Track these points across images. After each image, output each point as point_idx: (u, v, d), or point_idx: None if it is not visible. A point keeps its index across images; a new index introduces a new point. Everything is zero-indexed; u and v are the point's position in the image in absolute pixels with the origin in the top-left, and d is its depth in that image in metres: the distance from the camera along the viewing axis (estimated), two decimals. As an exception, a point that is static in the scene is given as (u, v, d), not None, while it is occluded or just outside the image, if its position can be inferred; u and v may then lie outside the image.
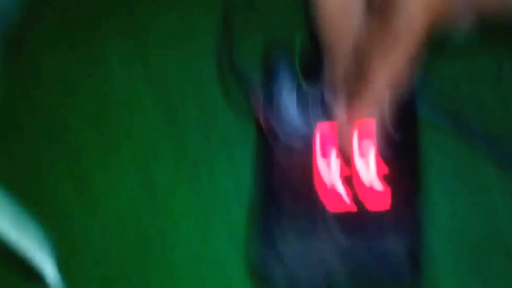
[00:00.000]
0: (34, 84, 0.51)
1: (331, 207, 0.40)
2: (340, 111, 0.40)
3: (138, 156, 0.48)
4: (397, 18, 0.33)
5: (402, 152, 0.40)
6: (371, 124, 0.38)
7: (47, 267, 0.38)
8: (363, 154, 0.40)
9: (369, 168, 0.40)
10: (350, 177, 0.40)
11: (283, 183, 0.41)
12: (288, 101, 0.43)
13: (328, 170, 0.41)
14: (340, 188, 0.40)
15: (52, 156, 0.49)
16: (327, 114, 0.42)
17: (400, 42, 0.34)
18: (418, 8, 0.33)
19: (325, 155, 0.41)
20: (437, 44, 0.35)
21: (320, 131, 0.42)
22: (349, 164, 0.41)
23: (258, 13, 0.48)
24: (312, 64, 0.43)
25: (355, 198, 0.40)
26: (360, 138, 0.40)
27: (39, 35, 0.53)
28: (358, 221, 0.39)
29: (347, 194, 0.40)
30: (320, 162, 0.41)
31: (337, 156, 0.41)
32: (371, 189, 0.40)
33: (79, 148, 0.49)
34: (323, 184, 0.40)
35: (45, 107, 0.50)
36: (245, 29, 0.48)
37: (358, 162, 0.40)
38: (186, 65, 0.49)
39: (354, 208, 0.39)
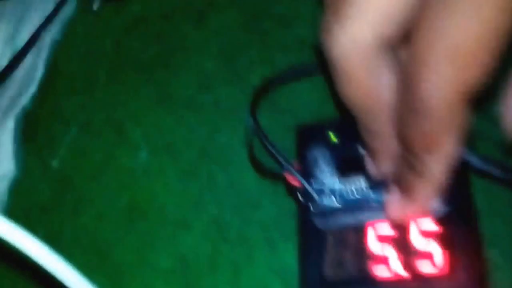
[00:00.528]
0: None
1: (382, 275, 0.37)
2: (392, 210, 0.37)
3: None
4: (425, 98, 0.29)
5: (456, 209, 0.37)
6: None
7: None
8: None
9: (421, 230, 0.37)
10: (401, 240, 0.38)
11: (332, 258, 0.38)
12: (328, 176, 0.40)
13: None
14: (392, 253, 0.37)
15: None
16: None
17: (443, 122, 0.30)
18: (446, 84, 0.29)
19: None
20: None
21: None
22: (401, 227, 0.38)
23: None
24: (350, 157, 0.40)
25: (408, 264, 0.37)
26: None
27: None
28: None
29: (399, 259, 0.37)
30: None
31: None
32: (425, 252, 0.37)
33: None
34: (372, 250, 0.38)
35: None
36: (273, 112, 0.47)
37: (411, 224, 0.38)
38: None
39: (407, 275, 0.36)
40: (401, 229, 0.37)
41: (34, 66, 0.53)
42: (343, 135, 0.41)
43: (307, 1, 0.49)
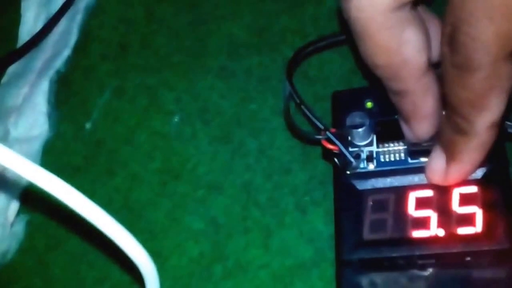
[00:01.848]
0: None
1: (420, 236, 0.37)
2: (435, 173, 0.37)
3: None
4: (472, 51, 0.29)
5: (491, 172, 0.37)
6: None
7: None
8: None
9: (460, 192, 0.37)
10: (440, 202, 0.38)
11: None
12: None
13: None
14: (430, 214, 0.37)
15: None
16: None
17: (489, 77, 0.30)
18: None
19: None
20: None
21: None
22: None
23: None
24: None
25: (447, 225, 0.37)
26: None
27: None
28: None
29: (437, 221, 0.37)
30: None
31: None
32: (463, 214, 0.37)
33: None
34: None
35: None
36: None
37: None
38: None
39: (445, 236, 0.37)
40: (440, 191, 0.38)
41: (69, 31, 0.53)
42: (379, 101, 0.41)
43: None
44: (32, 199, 0.48)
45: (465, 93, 0.31)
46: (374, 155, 0.40)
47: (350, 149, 0.40)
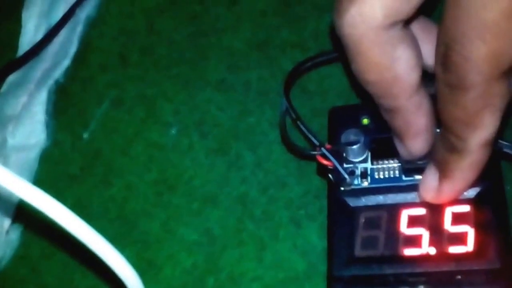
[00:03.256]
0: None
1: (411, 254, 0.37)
2: (427, 191, 0.37)
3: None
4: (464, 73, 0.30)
5: (485, 191, 0.38)
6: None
7: None
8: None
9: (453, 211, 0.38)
10: (432, 221, 0.38)
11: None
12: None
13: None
14: (422, 233, 0.37)
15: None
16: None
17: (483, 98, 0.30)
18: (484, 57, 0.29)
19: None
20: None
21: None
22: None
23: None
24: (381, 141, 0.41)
25: (438, 244, 0.37)
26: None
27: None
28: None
29: (429, 239, 0.37)
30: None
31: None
32: (455, 233, 0.37)
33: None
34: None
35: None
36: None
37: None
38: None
39: (436, 255, 0.37)
40: (433, 210, 0.38)
41: (69, 41, 0.54)
42: (375, 118, 0.41)
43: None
44: (28, 207, 0.48)
45: (458, 112, 0.31)
46: (369, 172, 0.40)
47: (345, 166, 0.41)
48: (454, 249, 0.36)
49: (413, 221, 0.38)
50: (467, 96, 0.30)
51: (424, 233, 0.37)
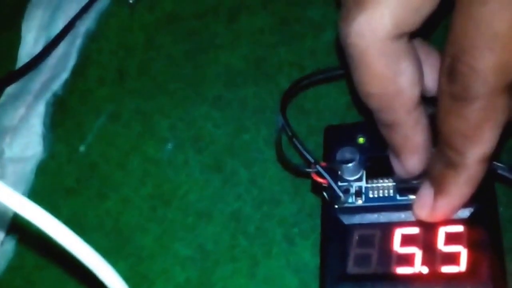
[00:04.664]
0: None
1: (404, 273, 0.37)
2: (422, 210, 0.37)
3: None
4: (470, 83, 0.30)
5: (479, 212, 0.38)
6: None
7: None
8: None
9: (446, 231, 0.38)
10: (425, 240, 0.38)
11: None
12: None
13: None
14: (415, 252, 0.38)
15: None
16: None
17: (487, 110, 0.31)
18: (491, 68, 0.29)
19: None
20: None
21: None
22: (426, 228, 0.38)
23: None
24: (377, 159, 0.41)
25: (431, 263, 0.37)
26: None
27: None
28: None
29: (422, 258, 0.37)
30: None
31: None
32: (448, 253, 0.37)
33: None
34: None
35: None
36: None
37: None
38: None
39: (429, 274, 0.37)
40: (427, 229, 0.38)
41: (68, 54, 0.54)
42: (370, 137, 0.41)
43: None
44: (22, 219, 0.48)
45: (459, 124, 0.31)
46: (363, 191, 0.40)
47: (340, 184, 0.41)
48: (446, 269, 0.37)
49: (406, 240, 0.38)
50: (470, 108, 0.30)
51: (417, 252, 0.37)
